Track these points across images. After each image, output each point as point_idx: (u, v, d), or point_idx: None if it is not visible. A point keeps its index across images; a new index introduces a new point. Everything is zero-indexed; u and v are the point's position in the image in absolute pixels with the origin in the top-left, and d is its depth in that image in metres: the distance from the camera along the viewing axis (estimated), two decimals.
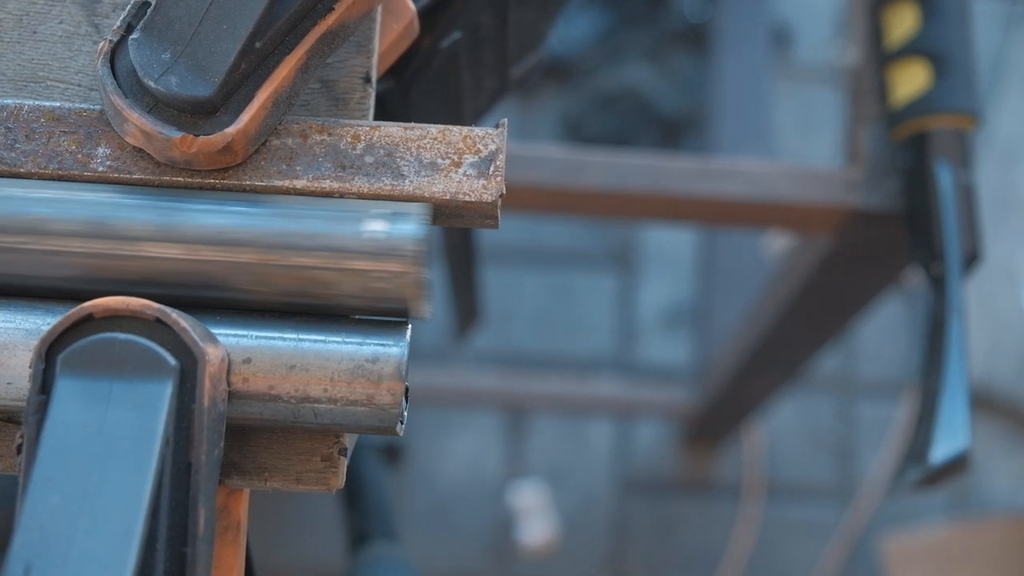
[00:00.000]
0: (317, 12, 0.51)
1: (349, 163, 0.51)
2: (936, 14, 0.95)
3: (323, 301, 0.50)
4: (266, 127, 0.51)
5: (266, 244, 0.49)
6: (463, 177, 0.51)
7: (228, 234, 0.49)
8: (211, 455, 0.45)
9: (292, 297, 0.50)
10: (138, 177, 0.51)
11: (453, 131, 0.52)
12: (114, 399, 0.44)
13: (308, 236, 0.49)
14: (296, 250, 0.49)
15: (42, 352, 0.45)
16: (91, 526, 0.41)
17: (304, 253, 0.49)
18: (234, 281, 0.49)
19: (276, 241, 0.49)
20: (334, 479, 0.51)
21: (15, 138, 0.51)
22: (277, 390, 0.49)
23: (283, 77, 0.50)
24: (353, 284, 0.49)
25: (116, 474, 0.42)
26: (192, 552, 0.44)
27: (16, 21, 0.54)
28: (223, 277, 0.49)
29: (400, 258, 0.49)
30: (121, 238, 0.49)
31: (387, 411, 0.49)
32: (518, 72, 0.82)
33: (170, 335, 0.45)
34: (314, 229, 0.49)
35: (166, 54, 0.49)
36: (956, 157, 0.90)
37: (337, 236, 0.49)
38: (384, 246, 0.49)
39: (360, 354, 0.49)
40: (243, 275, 0.49)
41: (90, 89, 0.54)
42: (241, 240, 0.49)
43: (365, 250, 0.49)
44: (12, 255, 0.49)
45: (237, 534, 0.51)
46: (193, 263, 0.49)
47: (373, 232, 0.49)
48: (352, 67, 0.55)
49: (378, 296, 0.49)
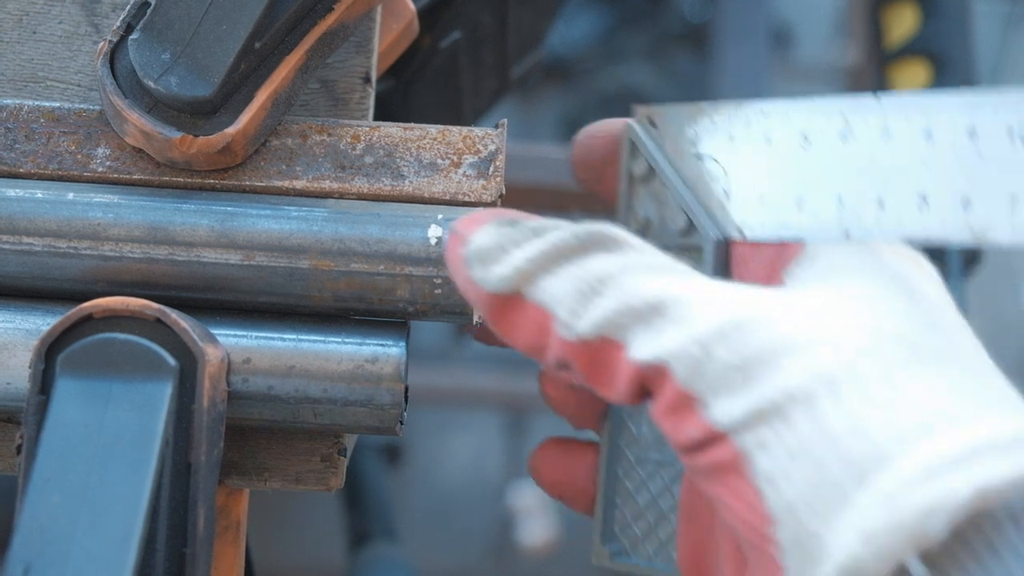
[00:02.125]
0: (316, 12, 0.51)
1: (349, 163, 0.51)
2: (936, 14, 0.95)
3: (375, 306, 0.50)
4: (266, 127, 0.51)
5: (325, 250, 0.49)
6: (463, 177, 0.51)
7: (287, 239, 0.49)
8: (211, 455, 0.45)
9: (345, 303, 0.50)
10: (137, 177, 0.51)
11: (453, 131, 0.52)
12: (114, 399, 0.44)
13: (369, 242, 0.49)
14: (356, 256, 0.49)
15: (42, 352, 0.45)
16: (91, 526, 0.41)
17: (364, 259, 0.49)
18: (290, 287, 0.50)
19: (335, 247, 0.49)
20: (334, 479, 0.51)
21: (15, 138, 0.51)
22: (277, 390, 0.49)
23: (283, 77, 0.50)
24: (409, 290, 0.49)
25: (116, 474, 0.42)
26: (192, 552, 0.44)
27: (16, 21, 0.54)
28: (280, 283, 0.50)
29: None
30: (179, 244, 0.49)
31: (387, 411, 0.49)
32: (518, 72, 0.82)
33: (170, 335, 0.45)
34: (375, 235, 0.49)
35: (166, 54, 0.49)
36: None
37: (398, 242, 0.49)
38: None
39: (360, 354, 0.49)
40: (300, 281, 0.50)
41: (90, 89, 0.54)
42: (299, 246, 0.49)
43: (426, 257, 0.49)
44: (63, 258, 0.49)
45: (237, 534, 0.51)
46: (248, 268, 0.49)
47: (437, 238, 0.49)
48: (352, 67, 0.55)
49: (432, 302, 0.50)
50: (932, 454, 0.35)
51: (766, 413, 0.37)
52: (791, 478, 0.37)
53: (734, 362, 0.38)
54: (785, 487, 0.37)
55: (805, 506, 0.36)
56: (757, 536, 0.38)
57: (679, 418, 0.39)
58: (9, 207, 0.49)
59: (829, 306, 0.40)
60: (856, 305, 0.40)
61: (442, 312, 0.50)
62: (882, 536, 0.34)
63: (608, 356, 0.40)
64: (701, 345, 0.38)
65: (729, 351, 0.38)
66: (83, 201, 0.50)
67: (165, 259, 0.49)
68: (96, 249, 0.49)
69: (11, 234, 0.49)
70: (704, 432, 0.38)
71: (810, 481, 0.36)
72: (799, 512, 0.36)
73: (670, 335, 0.39)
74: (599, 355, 0.40)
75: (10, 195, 0.49)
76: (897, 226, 0.41)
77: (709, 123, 0.47)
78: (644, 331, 0.39)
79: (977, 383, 0.39)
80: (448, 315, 0.50)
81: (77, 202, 0.49)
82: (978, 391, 0.38)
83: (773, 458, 0.37)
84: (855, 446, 0.36)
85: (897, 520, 0.34)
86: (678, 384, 0.39)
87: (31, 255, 0.49)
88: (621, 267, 0.41)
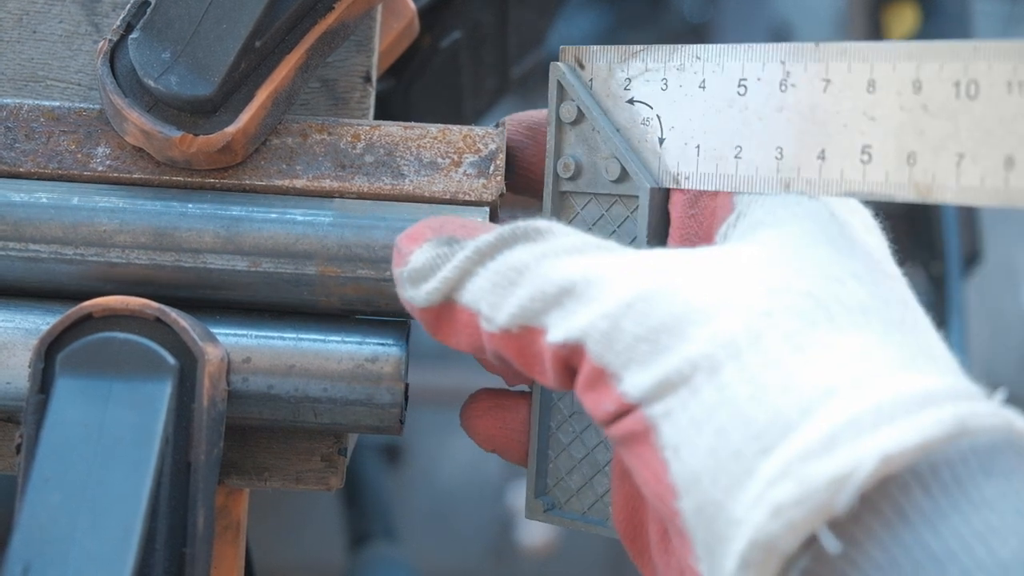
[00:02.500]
0: (317, 11, 0.51)
1: (349, 162, 0.51)
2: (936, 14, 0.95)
3: (383, 310, 0.50)
4: (266, 127, 0.51)
5: (331, 256, 0.49)
6: (463, 176, 0.51)
7: (293, 245, 0.49)
8: (210, 455, 0.45)
9: (352, 306, 0.50)
10: (137, 176, 0.51)
11: (453, 130, 0.52)
12: (113, 398, 0.44)
13: (374, 248, 0.49)
14: (362, 262, 0.49)
15: (41, 351, 0.45)
16: (90, 526, 0.41)
17: (370, 265, 0.49)
18: (297, 292, 0.50)
19: (341, 253, 0.49)
20: (334, 479, 0.51)
21: (15, 137, 0.51)
22: (277, 390, 0.49)
23: (283, 76, 0.50)
24: None
25: (115, 473, 0.42)
26: (191, 552, 0.44)
27: (16, 20, 0.54)
28: (287, 288, 0.50)
29: None
30: (185, 250, 0.49)
31: (387, 411, 0.49)
32: (518, 72, 0.82)
33: (170, 334, 0.45)
34: (380, 240, 0.49)
35: (166, 53, 0.49)
36: None
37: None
38: None
39: (360, 354, 0.49)
40: (307, 287, 0.50)
41: (90, 88, 0.54)
42: (305, 252, 0.49)
43: None
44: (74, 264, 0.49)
45: (236, 534, 0.51)
46: (255, 274, 0.50)
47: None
48: (352, 66, 0.55)
49: None
50: (834, 420, 0.34)
51: (672, 383, 0.37)
52: (695, 447, 0.36)
53: (641, 333, 0.38)
54: (688, 456, 0.36)
55: (708, 476, 0.36)
56: (664, 507, 0.37)
57: (596, 392, 0.39)
58: (15, 213, 0.49)
59: (742, 267, 0.39)
60: (771, 263, 0.39)
61: None
62: (790, 509, 0.34)
63: (531, 343, 0.40)
64: (610, 319, 0.38)
65: (635, 323, 0.38)
66: (88, 206, 0.50)
67: (171, 265, 0.49)
68: (103, 256, 0.49)
69: (18, 240, 0.49)
70: (617, 405, 0.38)
71: (713, 451, 0.36)
72: (703, 482, 0.36)
73: (581, 314, 0.39)
74: (524, 343, 0.41)
75: (15, 200, 0.49)
76: (839, 180, 0.40)
77: (641, 66, 0.46)
78: (559, 313, 0.40)
79: (897, 339, 0.38)
80: None
81: (82, 207, 0.50)
82: (895, 348, 0.37)
83: (678, 428, 0.37)
84: (758, 414, 0.35)
85: (804, 492, 0.34)
86: (592, 360, 0.39)
87: (38, 262, 0.49)
88: (538, 255, 0.41)
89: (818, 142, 0.41)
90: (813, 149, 0.41)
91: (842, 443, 0.34)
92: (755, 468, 0.35)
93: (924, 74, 0.38)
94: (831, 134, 0.40)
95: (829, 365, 0.36)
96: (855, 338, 0.37)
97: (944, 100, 0.37)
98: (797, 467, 0.34)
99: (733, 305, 0.37)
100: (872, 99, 0.39)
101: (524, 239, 0.41)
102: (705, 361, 0.37)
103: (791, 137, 0.41)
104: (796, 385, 0.36)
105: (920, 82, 0.38)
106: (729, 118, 0.43)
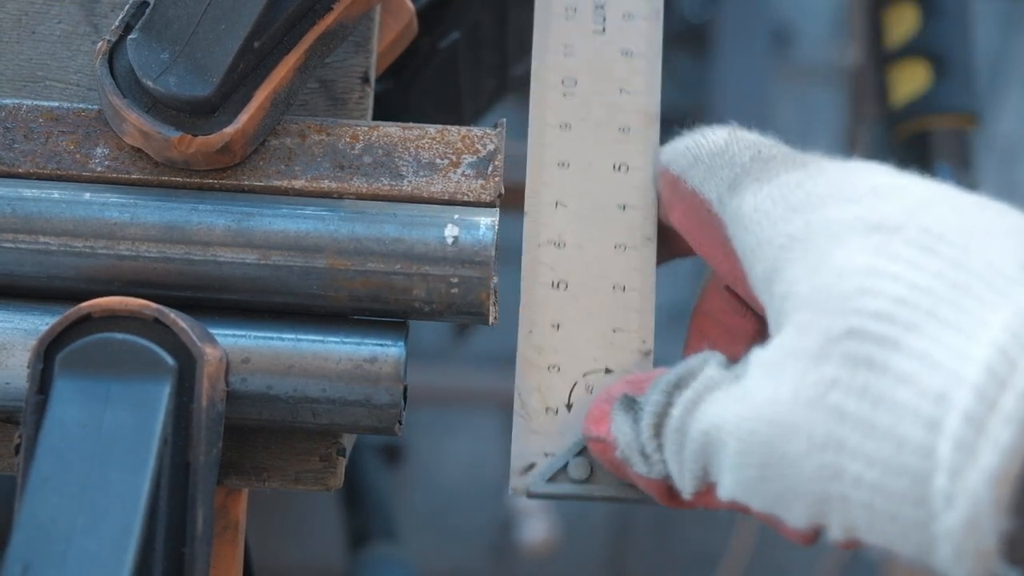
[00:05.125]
0: (316, 12, 0.51)
1: (347, 163, 0.51)
2: (936, 14, 0.95)
3: (391, 306, 0.50)
4: (264, 127, 0.51)
5: (341, 249, 0.49)
6: (461, 177, 0.51)
7: (304, 239, 0.49)
8: (209, 455, 0.45)
9: (361, 302, 0.50)
10: (136, 177, 0.51)
11: (451, 131, 0.52)
12: (112, 399, 0.44)
13: (386, 241, 0.49)
14: (372, 255, 0.49)
15: (40, 352, 0.45)
16: (89, 526, 0.41)
17: (380, 259, 0.49)
18: (305, 286, 0.50)
19: (351, 246, 0.49)
20: (332, 479, 0.51)
21: (13, 138, 0.51)
22: (275, 390, 0.49)
23: (281, 77, 0.50)
24: (425, 289, 0.49)
25: (114, 474, 0.42)
26: (190, 552, 0.44)
27: (15, 21, 0.54)
28: (296, 282, 0.50)
29: (476, 264, 0.49)
30: (195, 243, 0.50)
31: (385, 411, 0.49)
32: (518, 72, 0.82)
33: (168, 335, 0.45)
34: (392, 234, 0.49)
35: (164, 54, 0.49)
36: (956, 157, 0.90)
37: (415, 242, 0.49)
38: (463, 252, 0.49)
39: (358, 354, 0.49)
40: (316, 280, 0.50)
41: (89, 89, 0.54)
42: (315, 245, 0.49)
43: (442, 256, 0.49)
44: None
45: (236, 534, 0.51)
46: (264, 267, 0.49)
47: (454, 238, 0.49)
48: (351, 67, 0.55)
49: (448, 301, 0.50)
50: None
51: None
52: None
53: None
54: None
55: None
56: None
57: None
58: (26, 207, 0.49)
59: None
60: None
61: (458, 312, 0.50)
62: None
63: (709, 500, 0.46)
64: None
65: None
66: (99, 201, 0.50)
67: (181, 258, 0.49)
68: (112, 248, 0.49)
69: (28, 233, 0.49)
70: None
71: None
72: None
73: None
74: (710, 498, 0.46)
75: (27, 195, 0.50)
76: None
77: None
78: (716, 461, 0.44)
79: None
80: (464, 315, 0.50)
81: (94, 202, 0.50)
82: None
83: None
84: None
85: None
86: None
87: (47, 254, 0.49)
88: (688, 405, 0.46)
89: None
90: None
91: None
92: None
93: None
94: None
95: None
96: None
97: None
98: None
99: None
100: None
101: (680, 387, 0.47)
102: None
103: None
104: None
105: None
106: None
